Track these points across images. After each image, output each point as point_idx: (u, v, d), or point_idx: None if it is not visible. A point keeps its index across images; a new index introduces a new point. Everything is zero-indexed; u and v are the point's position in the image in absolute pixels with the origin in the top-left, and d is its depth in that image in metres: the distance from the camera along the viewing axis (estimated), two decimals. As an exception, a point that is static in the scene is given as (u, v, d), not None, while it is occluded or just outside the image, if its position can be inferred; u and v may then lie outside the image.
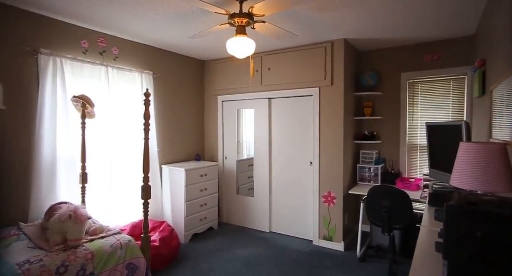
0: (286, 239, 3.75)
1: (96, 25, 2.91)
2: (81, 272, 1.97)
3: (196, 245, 3.52)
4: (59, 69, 2.70)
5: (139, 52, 3.51)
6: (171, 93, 3.97)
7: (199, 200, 3.75)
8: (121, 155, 3.27)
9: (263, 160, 4.01)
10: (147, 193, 2.38)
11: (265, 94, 3.91)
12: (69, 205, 2.27)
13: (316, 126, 3.55)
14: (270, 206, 3.99)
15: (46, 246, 2.04)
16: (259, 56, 3.86)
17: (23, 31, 2.54)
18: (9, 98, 2.46)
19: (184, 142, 4.19)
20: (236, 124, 4.29)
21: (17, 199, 2.52)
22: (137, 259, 2.30)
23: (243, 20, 2.21)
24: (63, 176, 2.76)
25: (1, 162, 2.43)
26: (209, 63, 4.44)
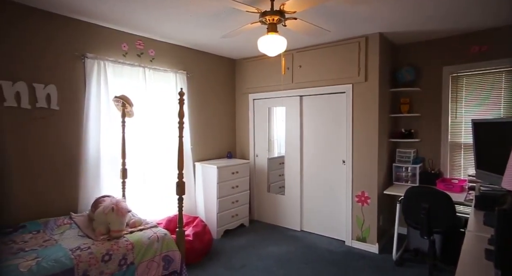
0: (317, 238, 3.70)
1: (135, 28, 3.07)
2: (123, 261, 2.10)
3: (228, 241, 3.59)
4: (102, 72, 2.90)
5: (174, 53, 3.65)
6: (203, 92, 4.07)
7: (231, 197, 3.82)
8: (157, 152, 3.43)
9: (295, 158, 3.98)
10: (181, 189, 2.46)
11: (296, 92, 3.87)
12: (112, 199, 2.43)
13: (349, 124, 3.44)
14: (301, 205, 3.96)
15: (93, 235, 2.21)
16: (290, 54, 3.82)
17: (73, 37, 2.76)
18: (61, 100, 2.69)
19: (216, 140, 4.29)
20: (267, 122, 4.30)
21: (68, 191, 2.76)
22: (172, 252, 2.39)
23: (275, 17, 2.20)
24: (106, 171, 2.97)
25: (56, 158, 2.67)
26: (240, 62, 4.49)
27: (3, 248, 1.99)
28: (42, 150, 2.60)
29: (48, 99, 2.61)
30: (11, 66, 2.41)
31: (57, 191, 2.70)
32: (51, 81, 2.62)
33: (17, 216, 2.45)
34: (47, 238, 2.17)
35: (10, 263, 1.78)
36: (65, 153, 2.74)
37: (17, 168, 2.47)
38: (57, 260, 1.84)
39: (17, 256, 1.88)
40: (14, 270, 1.71)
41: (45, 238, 2.18)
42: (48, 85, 2.60)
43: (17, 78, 2.43)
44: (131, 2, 2.41)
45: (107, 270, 2.01)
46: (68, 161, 2.76)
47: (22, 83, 2.45)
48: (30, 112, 2.51)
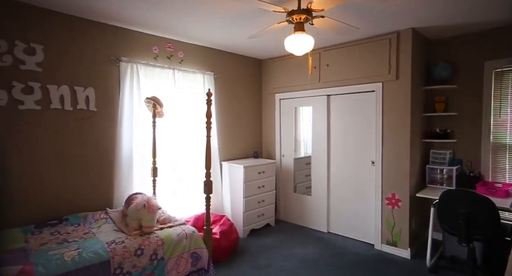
0: (345, 241, 3.61)
1: (165, 32, 3.19)
2: (154, 256, 2.19)
3: (254, 240, 3.62)
4: (135, 74, 3.04)
5: (202, 54, 3.73)
6: (230, 92, 4.13)
7: (257, 196, 3.83)
8: (186, 151, 3.53)
9: (321, 159, 3.91)
10: (209, 188, 2.51)
11: (324, 91, 3.80)
12: (143, 196, 2.54)
13: (379, 124, 3.32)
14: (328, 206, 3.88)
15: (126, 230, 2.32)
16: (317, 52, 3.76)
17: (109, 43, 2.93)
18: (98, 101, 2.86)
19: (242, 140, 4.33)
20: (294, 122, 4.27)
21: (104, 187, 2.93)
22: (200, 249, 2.45)
23: (302, 16, 2.18)
24: (138, 170, 3.11)
25: (93, 157, 2.85)
26: (267, 62, 4.49)
27: (51, 238, 2.16)
28: (82, 149, 2.78)
29: (87, 101, 2.78)
30: (56, 71, 2.60)
31: (95, 187, 2.87)
32: (89, 84, 2.80)
33: (61, 210, 2.64)
34: (86, 231, 2.32)
35: (56, 252, 1.93)
36: (101, 152, 2.91)
37: (60, 165, 2.66)
38: (95, 252, 1.97)
39: (62, 245, 2.04)
40: (60, 258, 1.85)
41: (85, 230, 2.34)
42: (87, 88, 2.78)
43: (61, 82, 2.62)
44: (163, 7, 2.50)
45: (139, 264, 2.10)
46: (104, 160, 2.92)
47: (65, 86, 2.64)
48: (72, 113, 2.70)
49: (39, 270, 1.73)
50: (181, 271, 2.31)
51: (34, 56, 2.47)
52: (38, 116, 2.52)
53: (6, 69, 2.35)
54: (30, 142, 2.49)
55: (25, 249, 1.97)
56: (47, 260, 1.82)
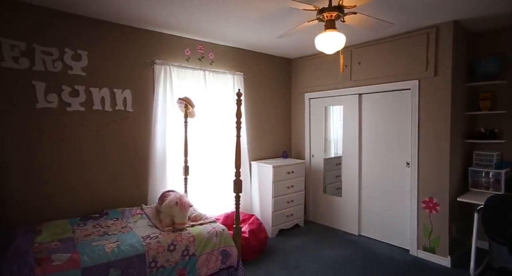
0: (377, 244, 3.47)
1: (197, 34, 3.28)
2: (186, 252, 2.26)
3: (282, 240, 3.60)
4: (168, 76, 3.17)
5: (232, 55, 3.79)
6: (260, 92, 4.15)
7: (286, 196, 3.82)
8: (216, 150, 3.61)
9: (352, 159, 3.80)
10: (238, 187, 2.54)
11: (355, 90, 3.69)
12: (176, 193, 2.63)
13: (415, 123, 3.15)
14: (359, 208, 3.76)
15: (160, 226, 2.42)
16: (348, 50, 3.66)
17: (145, 46, 3.08)
18: (135, 102, 3.02)
19: (271, 140, 4.33)
20: (324, 121, 4.19)
21: (140, 184, 3.08)
22: (229, 247, 2.49)
23: (333, 14, 2.13)
24: (170, 168, 3.23)
25: (130, 156, 3.01)
26: (296, 61, 4.45)
27: (93, 231, 2.33)
28: (119, 148, 2.96)
29: (125, 102, 2.95)
30: (98, 75, 2.79)
31: (131, 184, 3.04)
32: (127, 86, 2.96)
33: (101, 204, 2.83)
34: (124, 225, 2.46)
35: (98, 243, 2.07)
36: (137, 151, 3.06)
37: (100, 163, 2.84)
38: (132, 245, 2.08)
39: (103, 238, 2.19)
40: (101, 249, 1.99)
41: (123, 225, 2.48)
42: (124, 90, 2.94)
43: (102, 85, 2.81)
44: (196, 10, 2.57)
45: (172, 258, 2.18)
46: (139, 158, 3.08)
47: (106, 89, 2.83)
48: (111, 114, 2.88)
49: (84, 259, 1.87)
50: (211, 268, 2.37)
51: (80, 61, 2.68)
52: (82, 117, 2.72)
53: (57, 75, 2.57)
54: (76, 141, 2.70)
55: (72, 239, 2.14)
56: (91, 250, 1.96)
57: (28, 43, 2.43)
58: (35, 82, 2.46)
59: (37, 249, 1.97)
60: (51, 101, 2.54)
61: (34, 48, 2.45)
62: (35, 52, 2.46)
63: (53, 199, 2.59)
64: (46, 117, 2.53)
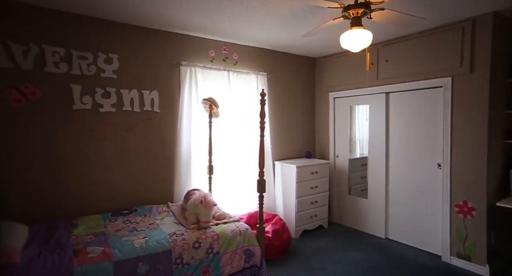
0: (406, 249, 3.34)
1: (221, 35, 3.33)
2: (210, 250, 2.30)
3: (306, 241, 3.57)
4: (193, 77, 3.24)
5: (255, 55, 3.81)
6: (283, 92, 4.13)
7: (310, 197, 3.77)
8: (240, 150, 3.64)
9: (379, 160, 3.68)
10: (262, 187, 2.54)
11: (382, 89, 3.57)
12: (200, 192, 2.69)
13: (447, 122, 2.99)
14: (386, 210, 3.63)
15: (185, 224, 2.49)
16: (375, 48, 3.54)
17: (171, 48, 3.17)
18: (161, 103, 3.12)
19: (295, 139, 4.30)
20: (349, 121, 4.10)
21: (166, 182, 3.18)
22: (253, 246, 2.50)
23: (359, 10, 2.08)
24: (195, 167, 3.31)
25: (157, 155, 3.12)
26: (321, 60, 4.39)
27: (123, 226, 2.44)
28: (147, 147, 3.07)
29: (152, 103, 3.06)
30: (127, 77, 2.91)
31: (158, 182, 3.14)
32: (154, 88, 3.07)
33: (130, 201, 2.96)
34: (151, 222, 2.56)
35: (128, 239, 2.17)
36: (163, 150, 3.17)
37: (129, 162, 2.97)
38: (159, 242, 2.15)
39: (132, 233, 2.28)
40: (131, 244, 2.08)
41: (150, 221, 2.57)
42: (152, 91, 3.05)
43: (131, 87, 2.93)
44: (220, 11, 2.61)
45: (197, 256, 2.23)
46: (166, 157, 3.18)
47: (135, 90, 2.95)
48: (139, 115, 3.00)
49: (115, 253, 1.97)
50: (235, 266, 2.39)
51: (111, 64, 2.82)
52: (113, 117, 2.85)
53: (91, 78, 2.73)
54: (108, 141, 2.84)
55: (104, 234, 2.26)
56: (121, 245, 2.05)
57: (66, 49, 2.60)
58: (72, 85, 2.63)
59: (74, 241, 2.10)
60: (85, 103, 2.70)
61: (72, 53, 2.62)
62: (73, 57, 2.63)
63: (87, 194, 2.75)
64: (81, 118, 2.69)
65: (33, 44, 2.46)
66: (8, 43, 2.37)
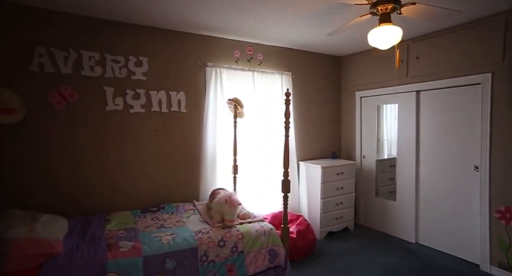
0: (439, 255, 3.17)
1: (246, 36, 3.35)
2: (234, 249, 2.33)
3: (331, 243, 3.50)
4: (219, 78, 3.30)
5: (280, 55, 3.79)
6: (308, 92, 4.08)
7: (335, 198, 3.70)
8: (264, 150, 3.64)
9: (409, 161, 3.53)
10: (287, 187, 2.53)
11: (412, 87, 3.42)
12: (225, 191, 2.73)
13: (486, 122, 2.80)
14: (416, 214, 3.47)
15: (210, 222, 2.53)
16: (405, 44, 3.40)
17: (197, 50, 3.25)
18: (188, 104, 3.20)
19: (320, 140, 4.24)
20: (376, 121, 3.96)
21: (192, 181, 3.26)
22: (277, 246, 2.49)
23: (388, 6, 2.00)
24: (220, 166, 3.36)
25: (183, 154, 3.20)
26: (346, 59, 4.28)
27: (152, 223, 2.54)
28: (174, 146, 3.16)
29: (179, 104, 3.15)
30: (156, 79, 3.02)
31: (184, 180, 3.23)
32: (181, 89, 3.16)
33: (158, 199, 3.07)
34: (178, 219, 2.63)
35: (157, 235, 2.25)
36: (190, 150, 3.25)
37: (157, 160, 3.08)
38: (185, 239, 2.21)
39: (160, 230, 2.37)
40: (159, 241, 2.15)
41: (177, 219, 2.65)
42: (179, 92, 3.14)
43: (159, 88, 3.04)
44: (245, 12, 2.63)
45: (221, 254, 2.26)
46: (192, 156, 3.26)
47: (162, 92, 3.05)
48: (167, 115, 3.09)
49: (145, 248, 2.05)
50: (259, 266, 2.40)
51: (141, 67, 2.93)
52: (142, 118, 2.97)
53: (122, 80, 2.86)
54: (137, 140, 2.96)
55: (135, 229, 2.36)
56: (150, 241, 2.13)
57: (101, 53, 2.75)
58: (105, 88, 2.78)
59: (107, 235, 2.21)
60: (117, 104, 2.84)
61: (106, 57, 2.77)
62: (106, 61, 2.77)
63: (118, 191, 2.89)
64: (113, 118, 2.83)
65: (72, 50, 2.63)
66: (52, 50, 2.56)
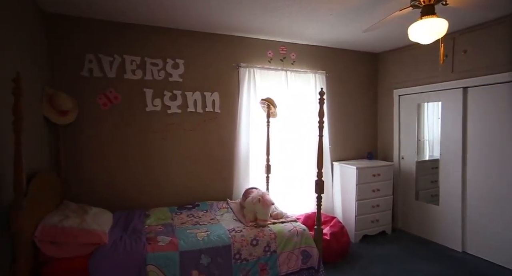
0: (490, 267, 2.91)
1: (279, 36, 3.35)
2: (267, 248, 2.33)
3: (367, 247, 3.37)
4: (252, 78, 3.33)
5: (313, 54, 3.73)
6: (343, 90, 3.97)
7: (371, 200, 3.56)
8: (297, 150, 3.60)
9: (454, 164, 3.28)
10: (320, 187, 2.49)
11: (458, 83, 3.18)
12: (258, 191, 2.75)
13: (547, 121, 2.52)
14: (463, 220, 3.22)
15: (243, 221, 2.56)
16: (450, 37, 3.16)
17: (231, 51, 3.31)
18: (222, 104, 3.28)
19: (355, 140, 4.10)
20: (416, 120, 3.75)
21: (226, 180, 3.33)
22: (310, 248, 2.46)
23: (432, -2, 1.88)
24: (253, 166, 3.39)
25: (217, 154, 3.28)
26: (384, 55, 4.10)
27: (188, 219, 2.63)
28: (209, 146, 3.25)
29: (213, 104, 3.23)
30: (191, 80, 3.13)
31: (218, 179, 3.30)
32: (215, 89, 3.23)
33: (193, 196, 3.17)
34: (212, 217, 2.70)
35: (192, 231, 2.33)
36: (224, 149, 3.31)
37: (192, 159, 3.18)
38: (219, 236, 2.26)
39: (195, 227, 2.45)
40: (194, 237, 2.23)
41: (211, 216, 2.72)
42: (213, 92, 3.22)
43: (194, 89, 3.14)
44: (278, 12, 2.63)
45: (254, 253, 2.28)
46: (226, 156, 3.32)
47: (198, 93, 3.15)
48: (201, 115, 3.19)
49: (181, 243, 2.13)
50: (291, 267, 2.39)
51: (178, 69, 3.06)
52: (179, 118, 3.09)
53: (161, 82, 3.01)
54: (174, 140, 3.09)
55: (172, 225, 2.47)
56: (186, 237, 2.22)
57: (141, 57, 2.92)
58: (145, 90, 2.94)
59: (147, 230, 2.34)
60: (156, 105, 2.98)
61: (146, 61, 2.93)
62: (146, 64, 2.93)
63: (158, 188, 3.04)
64: (153, 119, 2.99)
65: (117, 55, 2.83)
66: (99, 56, 2.78)
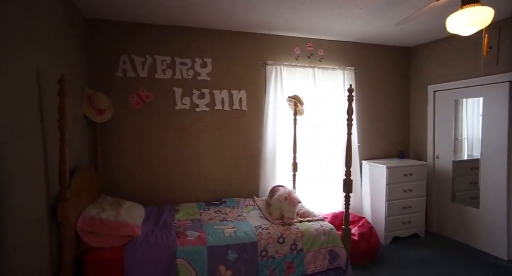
0: (535, 276, 2.68)
1: (306, 32, 3.29)
2: (294, 246, 2.32)
3: (397, 249, 3.24)
4: (279, 75, 3.31)
5: (341, 50, 3.63)
6: (372, 87, 3.83)
7: (402, 201, 3.41)
8: (325, 148, 3.54)
9: (497, 164, 3.05)
10: (349, 186, 2.42)
11: (504, 77, 2.94)
12: (285, 189, 2.73)
13: None
14: (508, 225, 2.98)
15: (270, 218, 2.57)
16: (495, 27, 2.92)
17: (258, 49, 3.32)
18: (249, 102, 3.30)
19: (385, 138, 3.95)
20: (453, 117, 3.52)
21: (252, 177, 3.35)
22: (338, 248, 2.41)
23: (475, -15, 1.75)
24: (280, 164, 3.38)
25: (244, 151, 3.31)
26: (417, 49, 3.89)
27: (215, 215, 2.69)
28: (236, 143, 3.29)
29: (240, 102, 3.26)
30: (219, 79, 3.18)
31: (245, 176, 3.33)
32: (242, 88, 3.26)
33: (220, 193, 3.23)
34: (239, 214, 2.73)
35: (219, 227, 2.37)
36: (250, 146, 3.34)
37: (220, 156, 3.23)
38: (246, 233, 2.28)
39: (222, 223, 2.49)
40: (222, 233, 2.27)
41: (238, 213, 2.75)
42: (240, 91, 3.25)
43: (222, 88, 3.19)
44: (305, 8, 2.59)
45: (281, 251, 2.28)
46: (252, 153, 3.34)
47: (225, 91, 3.20)
48: (229, 113, 3.23)
49: (209, 239, 2.18)
50: (318, 266, 2.36)
51: (206, 68, 3.12)
52: (207, 116, 3.15)
53: (189, 81, 3.09)
54: (202, 137, 3.16)
55: (200, 220, 2.53)
56: (214, 232, 2.26)
57: (171, 57, 3.01)
58: (175, 88, 3.03)
59: (176, 224, 2.42)
60: (185, 103, 3.07)
61: (175, 60, 3.02)
62: (176, 64, 3.03)
63: (187, 184, 3.13)
64: (182, 117, 3.08)
65: (148, 56, 2.95)
66: (133, 57, 2.91)
